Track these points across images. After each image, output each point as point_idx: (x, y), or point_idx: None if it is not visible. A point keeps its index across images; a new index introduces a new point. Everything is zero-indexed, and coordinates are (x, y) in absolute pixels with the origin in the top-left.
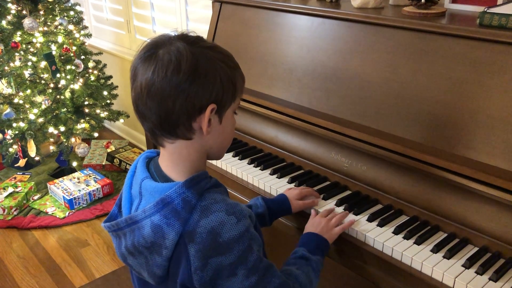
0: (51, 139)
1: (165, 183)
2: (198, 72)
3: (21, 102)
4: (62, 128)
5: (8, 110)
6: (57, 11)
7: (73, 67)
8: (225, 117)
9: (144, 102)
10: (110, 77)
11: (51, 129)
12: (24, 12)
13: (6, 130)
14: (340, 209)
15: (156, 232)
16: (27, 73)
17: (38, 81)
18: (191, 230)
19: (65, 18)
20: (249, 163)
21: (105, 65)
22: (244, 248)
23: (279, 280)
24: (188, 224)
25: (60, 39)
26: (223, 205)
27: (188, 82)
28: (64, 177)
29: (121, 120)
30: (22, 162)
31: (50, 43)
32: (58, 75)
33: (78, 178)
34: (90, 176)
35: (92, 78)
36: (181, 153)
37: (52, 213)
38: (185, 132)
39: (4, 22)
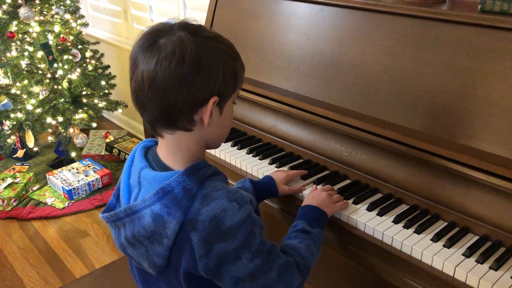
0: (49, 130)
1: (165, 172)
2: (202, 64)
3: (18, 92)
4: (60, 119)
5: (6, 100)
6: (53, 0)
7: (70, 57)
8: (225, 108)
9: (145, 93)
10: (108, 66)
11: (49, 120)
12: (19, 1)
13: (3, 121)
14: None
15: (157, 222)
16: (24, 63)
17: (35, 71)
18: (193, 218)
19: (62, 7)
20: (248, 153)
21: (102, 55)
22: (247, 233)
23: (283, 259)
24: (190, 212)
25: (57, 28)
26: (224, 192)
27: (191, 74)
28: (63, 167)
29: (120, 110)
30: (20, 153)
31: (46, 33)
32: (55, 65)
33: (77, 169)
34: (89, 166)
35: (90, 68)
36: (180, 143)
37: (52, 204)
38: (185, 124)
39: None
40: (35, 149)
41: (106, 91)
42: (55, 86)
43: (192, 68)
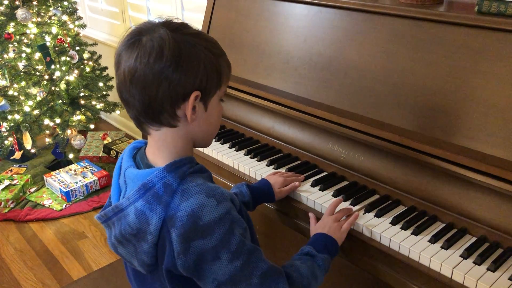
0: (47, 131)
1: (147, 169)
2: (181, 59)
3: (15, 94)
4: (58, 120)
5: (3, 102)
6: (50, 1)
7: (68, 58)
8: (211, 105)
9: (128, 89)
10: (106, 68)
11: (46, 121)
12: (17, 2)
13: (1, 123)
14: (346, 204)
15: (140, 218)
16: (21, 64)
17: (32, 72)
18: (172, 214)
19: (59, 8)
20: (246, 154)
21: (100, 56)
22: (225, 231)
23: (266, 264)
24: (170, 208)
25: (54, 30)
26: (203, 187)
27: (171, 69)
28: (61, 169)
29: (117, 112)
30: (18, 155)
31: (44, 34)
32: (52, 67)
33: (75, 170)
34: (86, 168)
35: (87, 69)
36: (166, 140)
37: (49, 206)
38: (169, 119)
39: None
40: (33, 150)
41: (104, 92)
42: (53, 88)
43: (171, 63)
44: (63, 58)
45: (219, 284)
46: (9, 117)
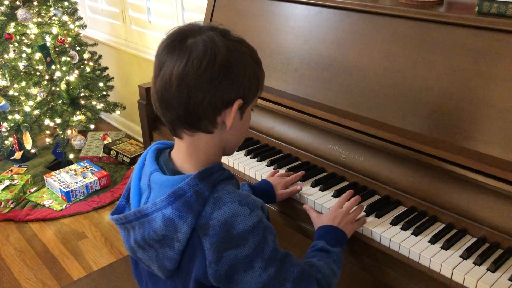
0: (47, 131)
1: (176, 175)
2: (231, 66)
3: (16, 94)
4: (58, 120)
5: (3, 102)
6: (51, 1)
7: (68, 59)
8: (246, 113)
9: (172, 92)
10: (106, 68)
11: (47, 121)
12: (17, 2)
13: (1, 123)
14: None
15: (168, 225)
16: (21, 65)
17: (33, 73)
18: (204, 223)
19: (60, 9)
20: (246, 155)
21: (100, 56)
22: (259, 239)
23: (297, 269)
24: (201, 216)
25: (55, 30)
26: (235, 196)
27: (221, 76)
28: (61, 169)
29: (118, 112)
30: (18, 155)
31: (44, 34)
32: (53, 67)
33: (75, 171)
34: (87, 168)
35: (88, 69)
36: (199, 145)
37: (49, 206)
38: (208, 126)
39: None
40: (33, 151)
41: (104, 92)
42: (53, 88)
43: (222, 70)
44: (63, 58)
45: None
46: (10, 117)
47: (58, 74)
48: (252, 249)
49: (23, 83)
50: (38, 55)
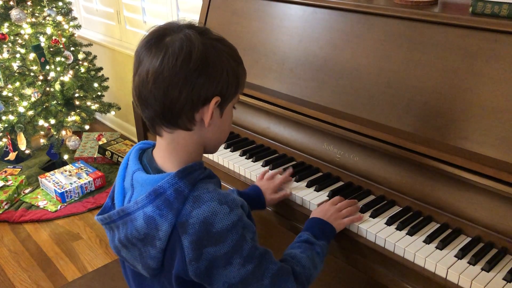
0: (42, 132)
1: (157, 174)
2: (208, 63)
3: (10, 94)
4: (53, 121)
5: None
6: (45, 1)
7: (63, 59)
8: (226, 111)
9: (149, 89)
10: (101, 68)
11: (41, 122)
12: (11, 3)
13: None
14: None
15: (149, 224)
16: (15, 65)
17: (27, 73)
18: (184, 221)
19: (54, 9)
20: (241, 155)
21: (95, 57)
22: (238, 238)
23: (276, 266)
24: (181, 215)
25: (49, 30)
26: (215, 194)
27: (197, 72)
28: (56, 170)
29: (113, 112)
30: (12, 156)
31: (38, 35)
32: (47, 67)
33: (70, 171)
34: (81, 169)
35: (82, 70)
36: (179, 143)
37: (44, 207)
38: (186, 123)
39: None
40: (27, 151)
41: (99, 93)
42: (47, 88)
43: (198, 66)
44: (57, 59)
45: (230, 286)
46: (4, 118)
47: (52, 74)
48: (231, 247)
49: (17, 84)
50: (32, 56)
